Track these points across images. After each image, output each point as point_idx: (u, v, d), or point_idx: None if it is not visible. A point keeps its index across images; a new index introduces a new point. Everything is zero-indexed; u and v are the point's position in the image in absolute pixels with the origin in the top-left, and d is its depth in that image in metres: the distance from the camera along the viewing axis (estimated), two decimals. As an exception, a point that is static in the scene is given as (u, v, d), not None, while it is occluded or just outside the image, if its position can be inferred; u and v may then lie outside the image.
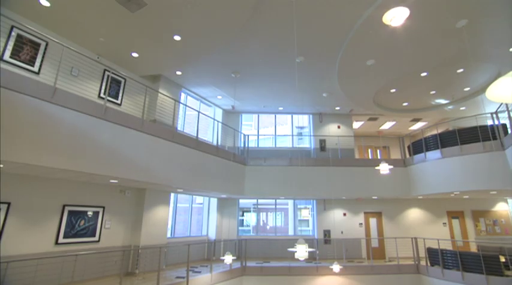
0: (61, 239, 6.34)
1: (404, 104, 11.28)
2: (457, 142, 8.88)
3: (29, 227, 5.84)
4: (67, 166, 4.85)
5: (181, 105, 9.83)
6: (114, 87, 7.89)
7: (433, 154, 9.63)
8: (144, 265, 7.56)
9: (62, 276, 5.95)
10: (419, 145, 10.26)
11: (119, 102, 7.98)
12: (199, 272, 7.91)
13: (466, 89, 9.89)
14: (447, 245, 9.88)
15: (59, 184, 6.41)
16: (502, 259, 8.05)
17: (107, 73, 7.64)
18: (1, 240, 5.37)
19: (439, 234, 10.84)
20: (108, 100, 7.11)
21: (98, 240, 7.08)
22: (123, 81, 8.12)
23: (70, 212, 6.57)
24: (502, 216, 12.42)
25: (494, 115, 8.45)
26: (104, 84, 7.55)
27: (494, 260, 7.77)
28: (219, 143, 10.38)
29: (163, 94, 8.62)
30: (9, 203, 5.56)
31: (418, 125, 13.48)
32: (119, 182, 6.91)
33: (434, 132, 9.96)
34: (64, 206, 6.47)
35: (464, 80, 9.22)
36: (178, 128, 9.54)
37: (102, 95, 7.44)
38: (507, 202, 12.65)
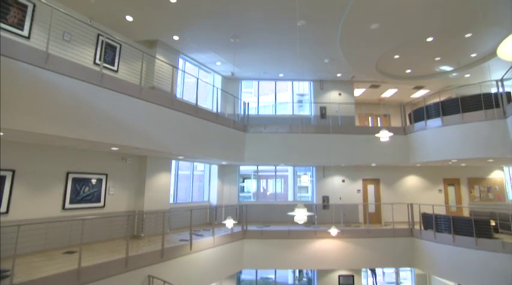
0: (68, 205, 6.55)
1: (408, 71, 11.01)
2: (459, 110, 8.81)
3: (36, 193, 6.00)
4: (66, 134, 4.86)
5: (179, 71, 9.60)
6: (109, 53, 7.65)
7: (434, 122, 9.61)
8: (149, 229, 7.87)
9: (72, 238, 6.24)
10: (420, 113, 10.20)
11: (115, 68, 7.78)
12: (202, 235, 8.26)
13: (473, 55, 9.58)
14: (441, 211, 10.20)
15: (61, 152, 6.47)
16: (493, 223, 8.38)
17: (101, 38, 7.36)
18: (10, 205, 5.55)
19: (434, 200, 11.14)
20: (104, 67, 6.92)
21: (103, 206, 7.31)
22: (118, 46, 7.86)
23: (74, 180, 6.71)
24: (497, 183, 12.70)
25: (499, 83, 8.29)
26: (98, 49, 7.31)
27: (484, 223, 8.08)
28: (219, 111, 10.30)
29: (160, 60, 8.39)
30: (13, 171, 5.66)
31: (420, 93, 13.28)
32: (119, 150, 6.97)
33: (437, 100, 9.84)
34: (68, 173, 6.59)
35: (471, 46, 8.91)
36: (177, 95, 9.41)
37: (97, 61, 7.24)
38: (503, 170, 12.86)
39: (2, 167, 5.44)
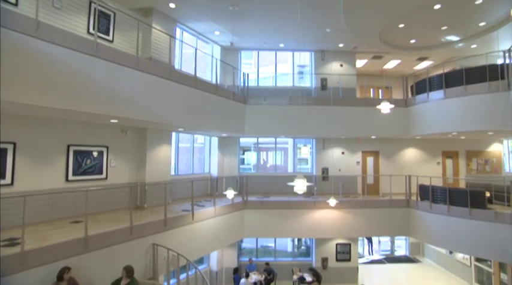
0: (71, 177, 6.65)
1: (412, 41, 10.68)
2: (462, 82, 8.67)
3: (38, 165, 6.06)
4: (60, 105, 4.79)
5: (177, 42, 9.31)
6: (103, 22, 7.36)
7: (436, 95, 9.50)
8: (151, 200, 8.05)
9: (77, 209, 6.38)
10: (423, 85, 10.04)
11: (110, 38, 7.53)
12: (203, 205, 8.47)
13: (481, 24, 9.25)
14: (438, 183, 10.38)
15: (61, 124, 6.45)
16: (487, 194, 8.56)
17: (93, 5, 7.04)
18: (15, 177, 5.63)
19: (432, 173, 11.29)
20: (99, 37, 6.68)
21: (106, 178, 7.42)
22: (112, 14, 7.54)
23: (75, 152, 6.75)
24: (495, 156, 12.82)
25: (506, 53, 8.06)
26: (91, 18, 7.02)
27: (479, 195, 8.26)
28: (218, 82, 10.13)
29: (157, 29, 8.10)
30: (14, 143, 5.67)
31: (424, 64, 12.98)
32: (119, 122, 6.94)
33: (440, 72, 9.64)
34: (68, 146, 6.61)
35: (481, 13, 8.55)
36: (176, 67, 9.20)
37: (91, 31, 6.98)
38: (502, 143, 12.91)
39: (3, 140, 5.45)
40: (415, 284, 11.47)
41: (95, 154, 7.21)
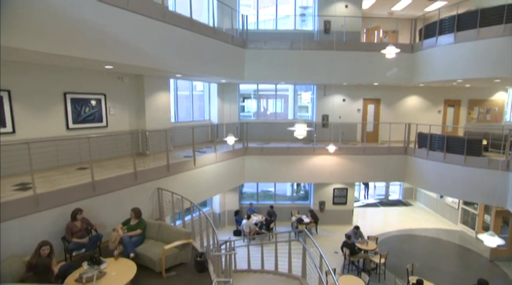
0: (71, 125, 6.66)
1: (427, -24, 9.75)
2: (475, 24, 8.15)
3: (37, 113, 6.01)
4: (51, 50, 4.56)
5: (170, -23, 8.51)
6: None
7: (446, 39, 9.02)
8: (153, 147, 8.19)
9: (82, 156, 6.53)
10: (433, 28, 9.47)
11: (97, -27, 6.86)
12: (205, 152, 8.66)
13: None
14: (437, 131, 10.45)
15: (56, 71, 6.23)
16: (484, 142, 8.68)
17: None
18: (15, 125, 5.66)
19: (432, 121, 11.31)
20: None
21: (106, 126, 7.44)
22: None
23: (73, 100, 6.65)
24: (497, 104, 12.67)
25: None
26: None
27: (476, 143, 8.38)
28: (216, 25, 9.53)
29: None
30: (9, 91, 5.56)
31: (436, 5, 12.02)
32: (114, 69, 6.72)
33: (453, 13, 8.99)
34: (65, 93, 6.49)
35: None
36: (170, 8, 8.55)
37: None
38: (506, 91, 12.66)
39: (-3, 87, 5.33)
40: (405, 224, 12.30)
41: (93, 102, 7.12)
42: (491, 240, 5.68)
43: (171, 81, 9.46)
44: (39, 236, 4.32)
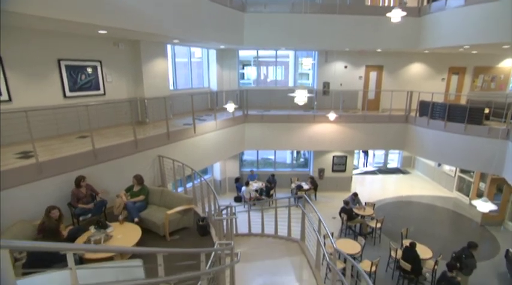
0: (68, 93, 6.54)
1: None
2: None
3: (32, 81, 5.88)
4: (45, 13, 4.35)
5: None
6: None
7: (455, 1, 8.61)
8: (153, 115, 8.13)
9: (81, 125, 6.44)
10: (444, -12, 8.97)
11: None
12: (205, 119, 8.62)
13: None
14: (440, 99, 10.31)
15: (47, 37, 5.98)
16: (486, 111, 8.62)
17: None
18: (11, 93, 5.56)
19: (435, 89, 11.03)
20: None
21: (104, 94, 7.32)
22: None
23: (68, 67, 6.47)
24: (503, 72, 12.38)
25: None
26: None
27: (478, 111, 8.31)
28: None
29: None
30: (0, 58, 5.38)
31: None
32: (109, 34, 6.46)
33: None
34: (59, 60, 6.29)
35: None
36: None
37: None
38: (514, 57, 12.31)
39: (-12, 53, 5.16)
40: (402, 191, 12.60)
41: (89, 69, 6.94)
42: (485, 206, 5.85)
43: (169, 47, 9.15)
44: (45, 202, 4.44)
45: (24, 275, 2.62)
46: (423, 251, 6.77)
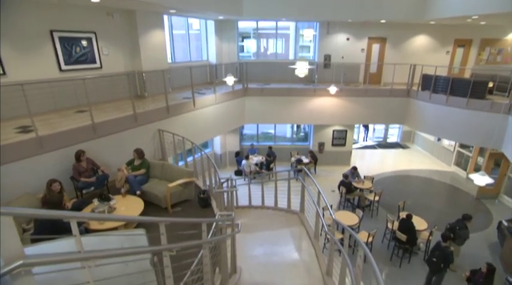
0: (64, 66, 6.39)
1: None
2: None
3: (25, 54, 5.71)
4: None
5: None
6: None
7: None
8: (151, 89, 8.01)
9: (79, 99, 6.28)
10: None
11: None
12: (204, 93, 8.51)
13: None
14: (443, 73, 10.09)
15: (38, 7, 5.74)
16: (490, 85, 8.48)
17: None
18: (4, 66, 5.43)
19: (439, 63, 10.74)
20: None
21: (101, 67, 7.16)
22: None
23: (61, 39, 6.26)
24: (511, 44, 12.02)
25: None
26: None
27: (481, 85, 8.17)
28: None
29: None
30: (-10, 27, 5.20)
31: None
32: (101, 2, 6.19)
33: None
34: (51, 31, 6.07)
35: None
36: None
37: None
38: (524, 28, 11.90)
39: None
40: (401, 165, 12.73)
41: (84, 42, 6.73)
42: (482, 179, 5.94)
43: (166, 18, 8.82)
44: (47, 176, 4.48)
45: (33, 243, 2.71)
46: (419, 223, 6.96)
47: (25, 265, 1.13)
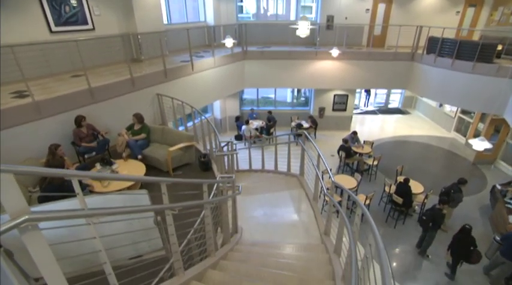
0: (54, 28, 6.11)
1: None
2: None
3: (10, 14, 5.42)
4: None
5: None
6: None
7: None
8: (148, 52, 7.74)
9: (74, 63, 6.01)
10: None
11: None
12: (202, 56, 8.25)
13: None
14: (451, 35, 9.67)
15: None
16: (500, 47, 8.16)
17: None
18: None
19: (448, 24, 10.31)
20: None
21: (93, 28, 6.86)
22: None
23: (48, -3, 5.93)
24: (526, 2, 11.39)
25: None
26: None
27: (490, 48, 7.85)
28: None
29: None
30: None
31: None
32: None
33: None
34: (38, -12, 5.73)
35: None
36: None
37: None
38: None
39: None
40: (401, 131, 12.74)
41: (73, 1, 6.36)
42: (480, 144, 5.97)
43: (159, -27, 8.27)
44: (49, 141, 4.48)
45: (40, 204, 2.79)
46: (415, 187, 7.12)
47: (31, 220, 1.16)
